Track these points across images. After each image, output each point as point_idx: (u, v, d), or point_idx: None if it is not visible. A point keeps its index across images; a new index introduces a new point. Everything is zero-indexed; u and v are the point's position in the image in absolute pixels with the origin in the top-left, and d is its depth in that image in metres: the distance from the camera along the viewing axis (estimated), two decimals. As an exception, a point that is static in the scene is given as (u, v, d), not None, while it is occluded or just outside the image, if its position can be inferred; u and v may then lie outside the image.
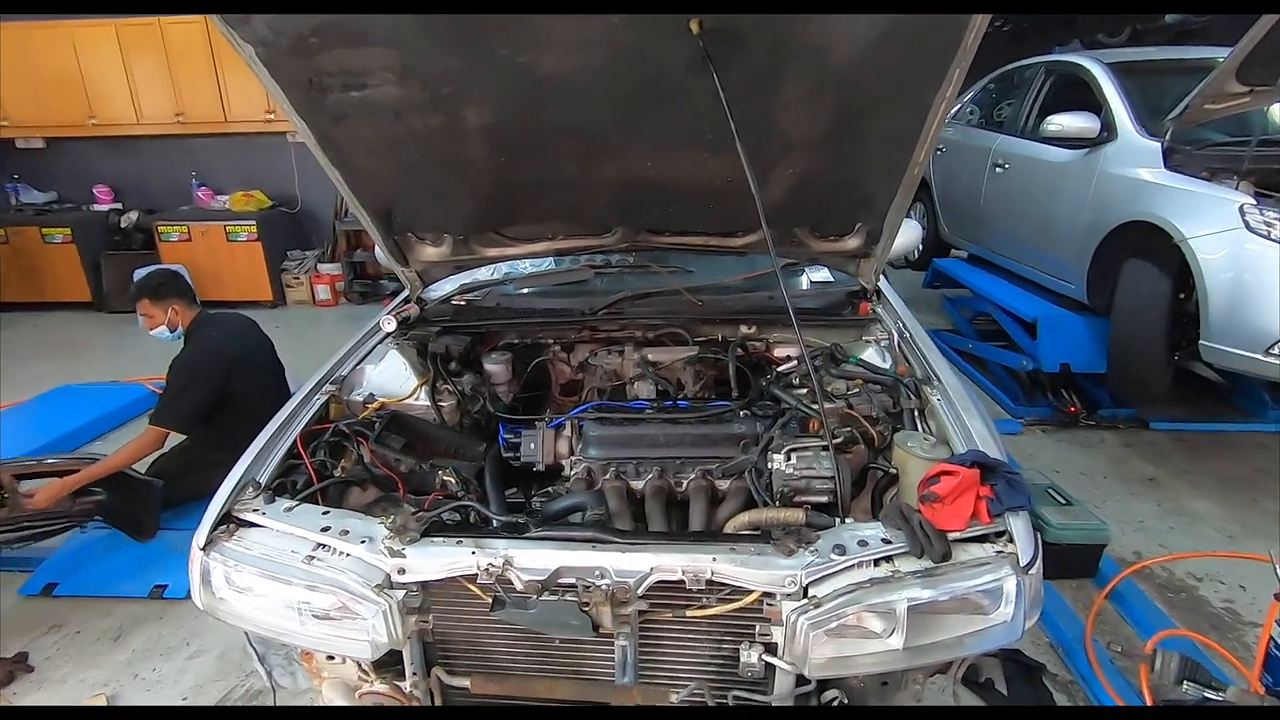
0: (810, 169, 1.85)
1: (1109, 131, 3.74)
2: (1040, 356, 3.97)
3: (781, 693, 1.40)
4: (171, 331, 3.00)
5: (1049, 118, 3.94)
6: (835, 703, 1.43)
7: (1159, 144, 3.40)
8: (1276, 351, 2.88)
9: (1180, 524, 3.10)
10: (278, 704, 1.83)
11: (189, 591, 2.64)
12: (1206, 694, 1.93)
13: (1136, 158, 3.52)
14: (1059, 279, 4.15)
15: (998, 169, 4.75)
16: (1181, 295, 3.30)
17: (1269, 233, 2.88)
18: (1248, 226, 2.92)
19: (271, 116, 6.51)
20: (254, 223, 6.59)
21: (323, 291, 6.88)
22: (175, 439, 3.20)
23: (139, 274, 6.21)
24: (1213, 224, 3.02)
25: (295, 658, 1.63)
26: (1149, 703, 2.04)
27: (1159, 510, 3.19)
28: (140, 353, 5.43)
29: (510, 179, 1.92)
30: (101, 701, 2.23)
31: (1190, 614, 2.58)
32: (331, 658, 1.56)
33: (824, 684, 1.44)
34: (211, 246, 6.59)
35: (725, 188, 1.89)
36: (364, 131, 1.73)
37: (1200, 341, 3.10)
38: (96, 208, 6.99)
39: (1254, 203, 2.96)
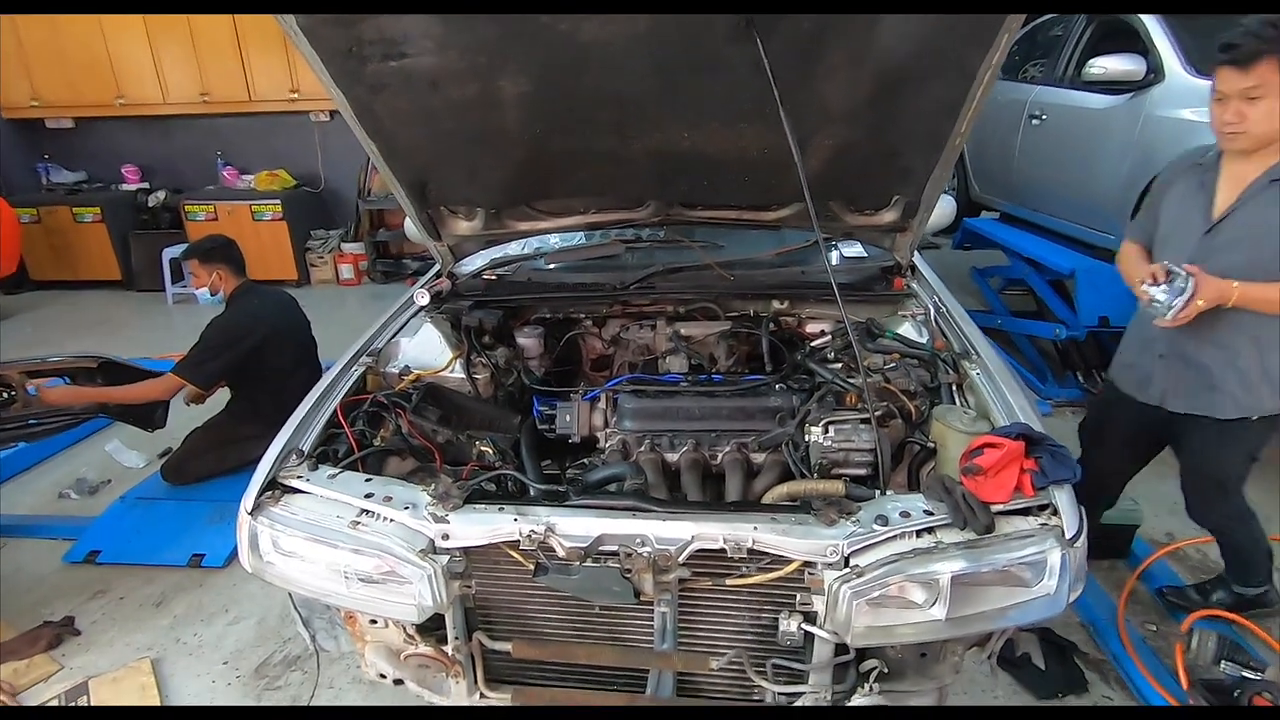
0: (849, 140, 1.82)
1: (1155, 73, 3.60)
2: (1077, 312, 3.87)
3: (820, 661, 1.41)
4: (213, 294, 3.13)
5: (1091, 61, 3.82)
6: (874, 672, 1.44)
7: (1210, 83, 3.31)
8: None
9: (1215, 506, 3.05)
10: (320, 666, 1.87)
11: (226, 560, 2.76)
12: (1245, 673, 1.92)
13: (1185, 99, 3.39)
14: (1098, 230, 4.04)
15: (1034, 120, 4.63)
16: None
17: None
18: None
19: (296, 95, 6.53)
20: (279, 202, 6.63)
21: (346, 271, 6.92)
22: (207, 413, 3.28)
23: (168, 253, 6.30)
24: None
25: (338, 621, 1.67)
26: (1184, 681, 2.03)
27: (1193, 492, 3.14)
28: (172, 330, 5.53)
29: (545, 150, 1.91)
30: (147, 664, 2.30)
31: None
32: (374, 621, 1.59)
33: (862, 654, 1.45)
34: (237, 226, 6.63)
35: (761, 160, 1.86)
36: (401, 102, 1.72)
37: None
38: (125, 187, 7.07)
39: None
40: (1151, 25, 3.76)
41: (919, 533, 1.32)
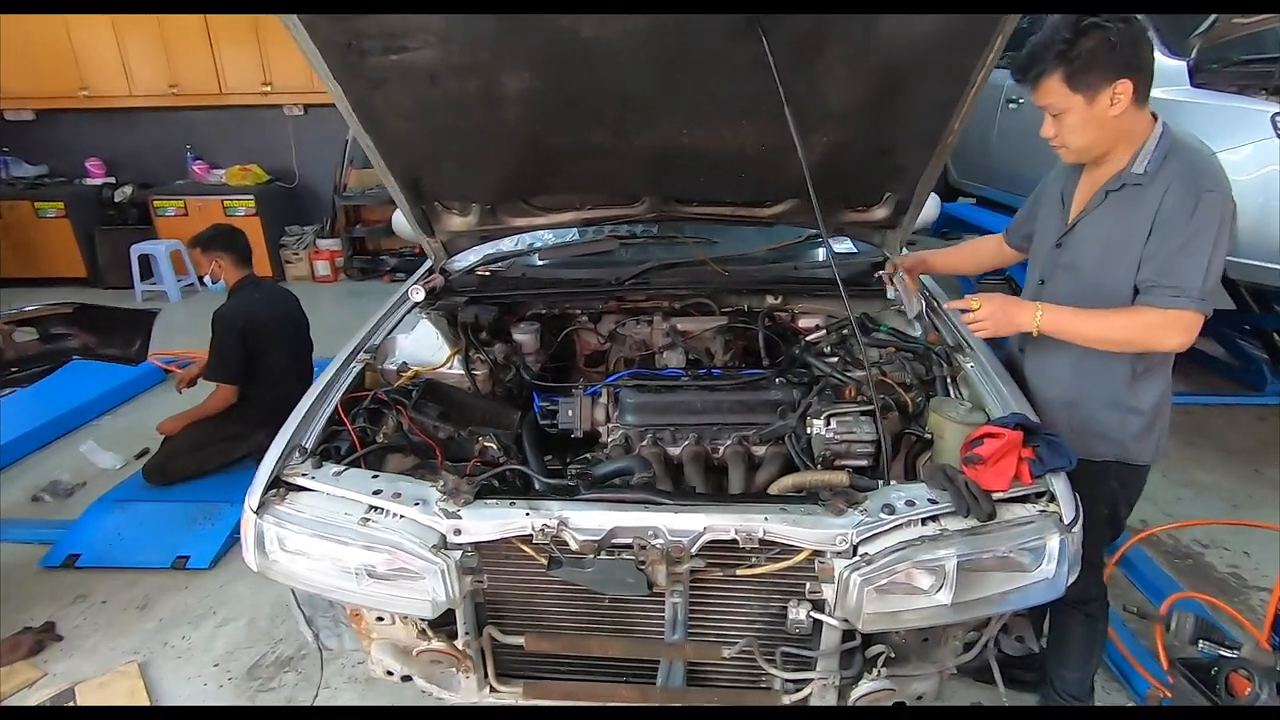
0: (845, 137, 1.85)
1: None
2: None
3: (828, 648, 1.44)
4: (214, 282, 3.17)
5: None
6: (880, 657, 1.47)
7: (1184, 63, 3.35)
8: None
9: (1186, 494, 3.17)
10: (324, 665, 1.85)
11: (212, 561, 2.72)
12: (1221, 652, 2.00)
13: (1160, 78, 3.51)
14: None
15: (1011, 105, 4.72)
16: None
17: None
18: None
19: (268, 88, 6.40)
20: (252, 197, 6.49)
21: (322, 268, 6.80)
22: (189, 404, 3.21)
23: (136, 249, 6.13)
24: (1243, 136, 3.00)
25: (343, 619, 1.66)
26: (1164, 661, 2.11)
27: (1165, 481, 3.25)
28: (142, 328, 5.37)
29: (543, 146, 1.90)
30: (134, 668, 2.25)
31: (1197, 579, 2.65)
32: (381, 618, 1.58)
33: (868, 640, 1.48)
34: (209, 221, 6.35)
35: (758, 156, 1.89)
36: (400, 97, 1.71)
37: (1227, 258, 3.14)
38: (89, 182, 6.85)
39: None
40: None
41: (924, 521, 1.36)
